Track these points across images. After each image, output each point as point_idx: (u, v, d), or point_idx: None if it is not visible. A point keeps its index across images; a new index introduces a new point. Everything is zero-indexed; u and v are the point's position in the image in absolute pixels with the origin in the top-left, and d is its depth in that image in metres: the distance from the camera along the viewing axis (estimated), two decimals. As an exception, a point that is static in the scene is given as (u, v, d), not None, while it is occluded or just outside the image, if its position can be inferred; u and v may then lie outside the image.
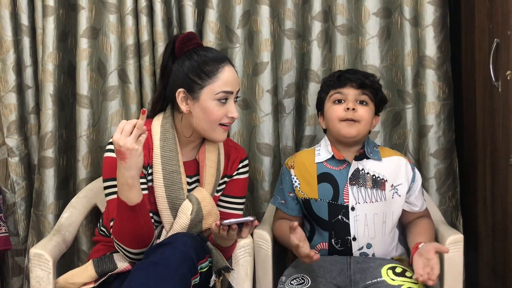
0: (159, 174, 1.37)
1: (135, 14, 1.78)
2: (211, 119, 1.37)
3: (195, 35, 1.43)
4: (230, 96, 1.38)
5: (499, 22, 1.55)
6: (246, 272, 1.48)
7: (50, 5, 1.75)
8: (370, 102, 1.54)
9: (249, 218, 1.29)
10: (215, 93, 1.36)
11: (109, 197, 1.35)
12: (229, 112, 1.38)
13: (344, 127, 1.51)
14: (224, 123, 1.39)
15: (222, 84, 1.36)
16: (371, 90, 1.53)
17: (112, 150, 1.33)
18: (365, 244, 1.52)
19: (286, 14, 1.84)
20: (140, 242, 1.30)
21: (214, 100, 1.36)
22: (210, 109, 1.36)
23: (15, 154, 1.83)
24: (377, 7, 1.80)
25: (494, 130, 1.61)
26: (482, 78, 1.70)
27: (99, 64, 1.81)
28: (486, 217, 1.70)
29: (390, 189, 1.53)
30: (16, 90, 1.82)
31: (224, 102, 1.38)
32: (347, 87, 1.53)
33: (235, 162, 1.50)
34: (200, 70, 1.36)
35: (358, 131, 1.51)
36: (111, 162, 1.34)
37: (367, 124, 1.53)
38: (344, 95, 1.53)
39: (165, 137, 1.40)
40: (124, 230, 1.28)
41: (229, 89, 1.38)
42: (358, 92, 1.52)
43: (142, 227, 1.28)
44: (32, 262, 1.41)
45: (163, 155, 1.38)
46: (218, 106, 1.37)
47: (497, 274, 1.64)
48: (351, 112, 1.50)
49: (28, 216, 1.84)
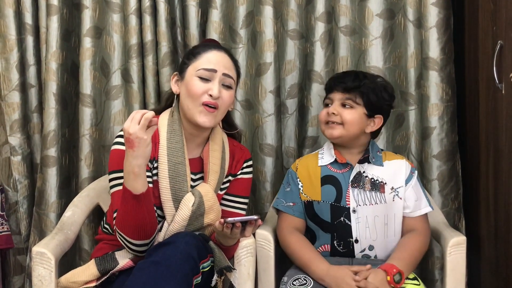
0: (164, 165, 1.39)
1: (138, 14, 1.78)
2: (191, 94, 1.40)
3: (215, 41, 1.56)
4: (214, 75, 1.41)
5: (503, 24, 1.55)
6: (248, 272, 1.48)
7: (54, 4, 1.76)
8: (356, 105, 1.53)
9: (253, 217, 1.29)
10: (196, 69, 1.41)
11: (113, 189, 1.36)
12: (210, 89, 1.39)
13: (326, 129, 1.56)
14: (205, 102, 1.39)
15: (204, 62, 1.41)
16: (358, 93, 1.53)
17: (120, 143, 1.36)
18: (367, 246, 1.52)
19: (290, 14, 1.84)
20: (142, 233, 1.30)
21: (196, 77, 1.40)
22: (191, 84, 1.40)
23: (17, 153, 1.83)
24: (381, 8, 1.80)
25: (497, 132, 1.61)
26: (485, 80, 1.70)
27: (102, 63, 1.81)
28: (489, 219, 1.70)
29: (390, 191, 1.53)
30: (19, 88, 1.82)
31: (206, 80, 1.40)
32: (334, 92, 1.56)
33: (240, 161, 1.52)
34: (190, 52, 1.47)
35: (341, 133, 1.53)
36: (118, 153, 1.36)
37: (353, 126, 1.52)
38: (331, 100, 1.57)
39: (172, 129, 1.42)
40: (127, 220, 1.29)
41: (211, 67, 1.40)
42: (342, 96, 1.54)
43: (145, 217, 1.29)
44: (34, 260, 1.41)
45: (169, 147, 1.40)
46: (199, 82, 1.40)
47: (500, 276, 1.63)
48: (332, 115, 1.53)
49: (30, 215, 1.85)
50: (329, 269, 1.42)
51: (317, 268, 1.44)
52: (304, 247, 1.50)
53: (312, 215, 1.56)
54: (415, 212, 1.54)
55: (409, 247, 1.48)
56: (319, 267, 1.44)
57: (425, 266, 1.83)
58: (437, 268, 1.81)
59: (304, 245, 1.51)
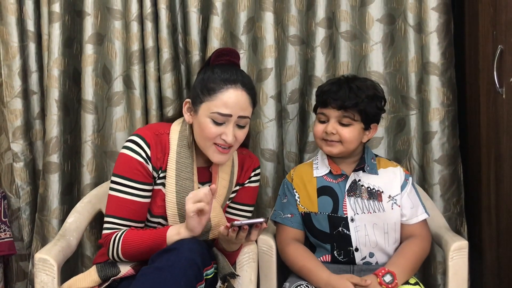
0: (172, 179, 1.38)
1: (140, 20, 1.79)
2: (203, 135, 1.35)
3: (232, 52, 1.42)
4: (229, 119, 1.34)
5: (503, 28, 1.55)
6: (250, 278, 1.48)
7: (56, 12, 1.77)
8: (354, 122, 1.49)
9: (260, 219, 1.27)
10: (210, 112, 1.33)
11: (113, 192, 1.37)
12: (223, 133, 1.34)
13: (324, 146, 1.52)
14: (217, 143, 1.35)
15: (219, 105, 1.33)
16: (356, 111, 1.48)
17: (130, 149, 1.36)
18: (368, 254, 1.51)
19: (290, 20, 1.84)
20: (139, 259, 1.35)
21: (209, 119, 1.34)
22: (204, 125, 1.35)
23: (20, 159, 1.84)
24: (381, 13, 1.81)
25: (498, 136, 1.61)
26: (486, 84, 1.70)
27: (104, 70, 1.82)
28: (491, 224, 1.70)
29: (388, 200, 1.52)
30: (21, 95, 1.83)
31: (220, 124, 1.34)
32: (329, 107, 1.49)
33: (248, 170, 1.51)
34: (205, 85, 1.35)
35: (340, 150, 1.50)
36: (126, 159, 1.36)
37: (351, 143, 1.50)
38: (326, 116, 1.51)
39: (182, 143, 1.40)
40: (136, 254, 1.33)
41: (226, 112, 1.33)
42: (339, 113, 1.48)
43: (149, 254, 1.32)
44: (37, 267, 1.42)
45: (178, 161, 1.39)
46: (213, 125, 1.34)
47: (502, 280, 1.63)
48: (331, 135, 1.49)
49: (33, 221, 1.85)
50: (329, 279, 1.41)
51: (316, 277, 1.43)
52: (303, 256, 1.49)
53: (310, 227, 1.55)
54: (411, 219, 1.53)
55: (406, 253, 1.48)
56: (318, 276, 1.43)
57: (428, 271, 1.83)
58: (439, 273, 1.81)
59: (303, 255, 1.50)
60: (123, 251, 1.33)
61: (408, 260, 1.46)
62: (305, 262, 1.47)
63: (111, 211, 1.36)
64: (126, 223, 1.36)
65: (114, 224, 1.36)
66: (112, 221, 1.36)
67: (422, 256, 1.51)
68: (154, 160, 1.37)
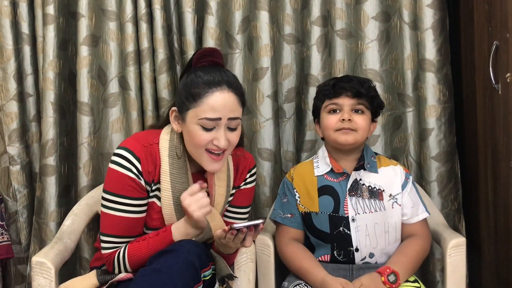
0: (168, 192, 1.34)
1: (135, 21, 1.79)
2: (194, 143, 1.29)
3: (214, 52, 1.35)
4: (218, 123, 1.27)
5: (498, 24, 1.55)
6: (249, 278, 1.48)
7: (50, 14, 1.76)
8: (366, 110, 1.51)
9: (258, 221, 1.25)
10: (198, 118, 1.27)
11: (106, 210, 1.32)
12: (215, 139, 1.28)
13: (340, 135, 1.49)
14: (209, 149, 1.29)
15: (207, 110, 1.26)
16: (367, 98, 1.51)
17: (118, 163, 1.30)
18: (368, 254, 1.51)
19: (286, 19, 1.84)
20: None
21: (198, 125, 1.28)
22: (193, 133, 1.28)
23: (16, 162, 1.83)
24: (376, 11, 1.81)
25: (495, 133, 1.61)
26: (482, 80, 1.70)
27: (100, 71, 1.81)
28: (489, 220, 1.70)
29: (389, 198, 1.52)
30: (17, 98, 1.83)
31: (210, 129, 1.28)
32: (342, 97, 1.49)
33: (244, 172, 1.46)
34: (189, 91, 1.29)
35: (355, 139, 1.49)
36: (116, 175, 1.31)
37: (365, 132, 1.51)
38: (339, 106, 1.50)
39: (173, 154, 1.34)
40: (142, 259, 1.31)
41: (215, 116, 1.26)
42: (354, 101, 1.49)
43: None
44: (34, 270, 1.41)
45: (172, 172, 1.34)
46: (202, 131, 1.28)
47: (500, 277, 1.63)
48: (347, 122, 1.48)
49: (30, 224, 1.84)
50: (324, 279, 1.41)
51: (312, 277, 1.44)
52: (301, 257, 1.49)
53: (310, 226, 1.54)
54: (412, 218, 1.53)
55: (407, 251, 1.48)
56: (314, 277, 1.43)
57: (426, 268, 1.83)
58: (438, 270, 1.81)
59: (301, 255, 1.49)
60: (131, 266, 1.32)
61: (409, 259, 1.46)
62: (303, 263, 1.47)
63: (107, 230, 1.32)
64: (124, 240, 1.33)
65: (113, 243, 1.33)
66: (110, 240, 1.33)
67: (423, 255, 1.51)
68: (146, 175, 1.31)
